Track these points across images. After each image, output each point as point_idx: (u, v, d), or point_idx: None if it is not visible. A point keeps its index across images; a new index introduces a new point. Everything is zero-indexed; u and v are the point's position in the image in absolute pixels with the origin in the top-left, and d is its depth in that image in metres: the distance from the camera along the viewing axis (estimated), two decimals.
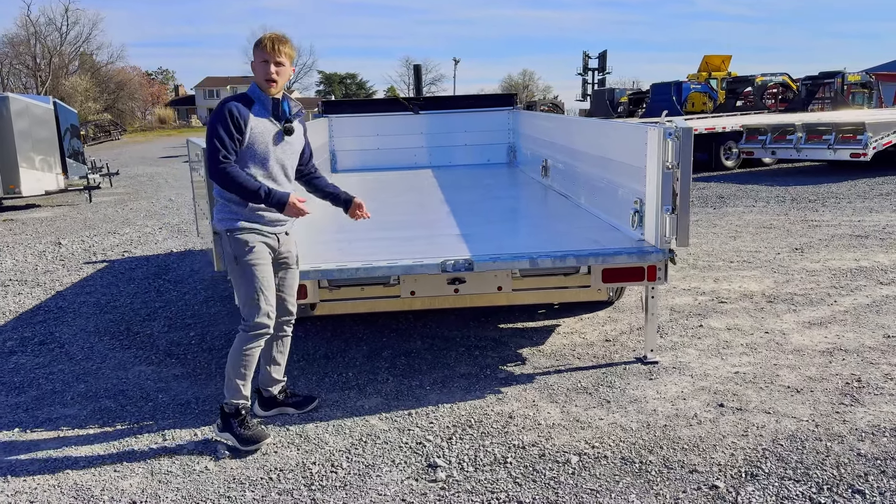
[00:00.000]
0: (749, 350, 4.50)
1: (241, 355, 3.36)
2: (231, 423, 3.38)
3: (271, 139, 3.33)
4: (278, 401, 3.78)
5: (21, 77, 67.37)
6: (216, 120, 3.24)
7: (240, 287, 3.37)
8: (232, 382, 3.39)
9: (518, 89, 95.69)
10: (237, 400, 3.39)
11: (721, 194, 11.70)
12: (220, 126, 3.22)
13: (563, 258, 3.97)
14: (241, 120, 3.22)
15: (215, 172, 3.23)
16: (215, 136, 3.21)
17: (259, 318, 3.34)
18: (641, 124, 4.24)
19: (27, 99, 16.18)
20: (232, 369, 3.39)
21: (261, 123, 3.30)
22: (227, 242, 3.34)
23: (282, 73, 3.30)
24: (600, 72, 58.78)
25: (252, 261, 3.33)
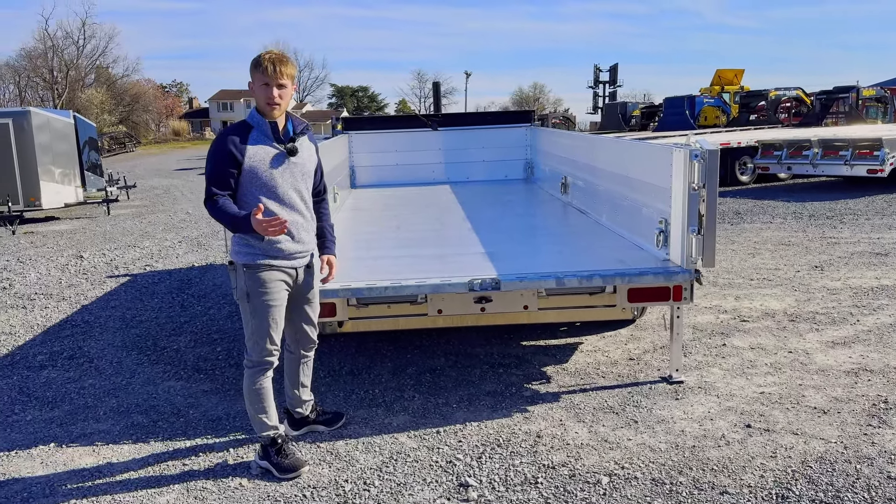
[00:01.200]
0: (774, 370, 4.52)
1: (252, 392, 3.36)
2: (269, 452, 3.40)
3: (274, 164, 3.21)
4: (309, 420, 3.82)
5: (38, 90, 68.26)
6: (210, 154, 3.20)
7: (248, 323, 3.31)
8: (255, 418, 3.40)
9: (529, 102, 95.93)
10: (267, 432, 3.41)
11: (738, 210, 11.70)
12: (213, 160, 3.18)
13: (590, 278, 4.01)
14: (235, 151, 3.14)
15: (207, 208, 3.18)
16: (207, 171, 3.18)
17: (263, 357, 3.33)
18: (667, 145, 4.28)
19: (48, 113, 16.39)
20: (251, 406, 3.39)
21: (261, 150, 3.19)
22: (241, 277, 3.25)
23: (284, 95, 3.20)
24: (611, 84, 58.88)
25: (266, 301, 3.26)
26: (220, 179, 3.16)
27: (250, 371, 3.35)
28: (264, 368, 3.36)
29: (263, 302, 3.26)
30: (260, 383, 3.36)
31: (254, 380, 3.35)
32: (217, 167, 3.16)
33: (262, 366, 3.35)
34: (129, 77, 73.58)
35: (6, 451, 3.77)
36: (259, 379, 3.35)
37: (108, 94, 65.66)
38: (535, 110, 9.32)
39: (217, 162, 3.16)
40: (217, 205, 3.14)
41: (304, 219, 3.35)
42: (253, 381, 3.35)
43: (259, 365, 3.34)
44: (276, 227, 3.03)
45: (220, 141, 3.18)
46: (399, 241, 5.34)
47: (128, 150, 51.10)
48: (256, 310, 3.26)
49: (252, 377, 3.35)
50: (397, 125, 9.16)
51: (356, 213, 6.86)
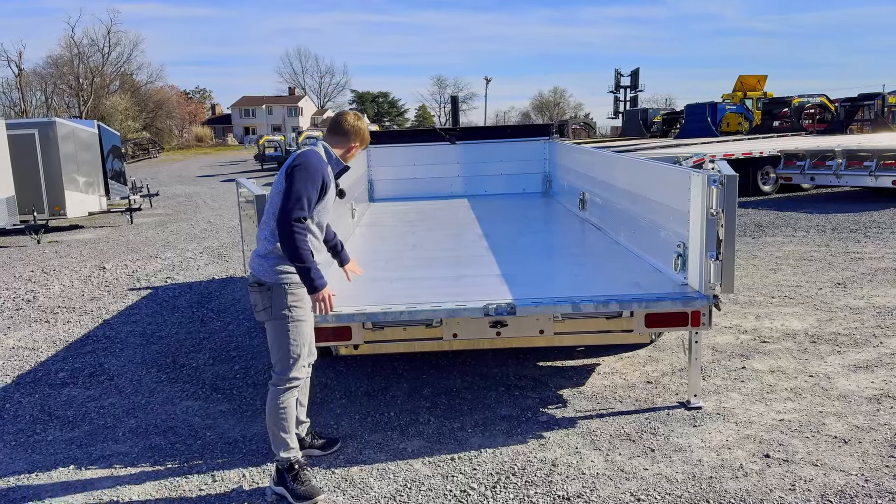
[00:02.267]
0: (794, 395, 4.45)
1: (278, 410, 3.41)
2: (285, 478, 3.41)
3: (332, 198, 3.54)
4: (305, 443, 3.82)
5: (64, 97, 69.43)
6: (309, 172, 3.32)
7: (283, 340, 3.38)
8: (277, 438, 3.43)
9: (549, 107, 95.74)
10: (287, 454, 3.43)
11: (759, 222, 11.57)
12: (311, 180, 3.31)
13: (606, 303, 3.99)
14: (327, 185, 3.43)
15: (287, 230, 3.23)
16: (305, 189, 3.28)
17: (294, 373, 3.42)
18: (685, 169, 4.25)
19: (73, 123, 16.65)
20: (274, 425, 3.43)
21: (331, 184, 3.50)
22: (282, 295, 3.34)
23: None
24: (633, 89, 58.68)
25: (303, 316, 3.41)
26: (311, 202, 3.32)
27: (279, 389, 3.42)
28: (294, 387, 3.45)
29: (300, 318, 3.40)
30: (287, 402, 3.43)
31: (282, 398, 3.41)
32: (313, 188, 3.31)
33: (293, 383, 3.43)
34: (153, 83, 74.67)
35: (27, 474, 3.82)
36: (287, 397, 3.42)
37: (133, 100, 66.60)
38: (553, 124, 9.34)
39: (314, 183, 3.32)
40: (300, 234, 3.24)
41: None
42: (281, 400, 3.41)
43: (289, 382, 3.42)
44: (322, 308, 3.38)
45: (319, 164, 3.38)
46: (415, 261, 5.34)
47: (151, 157, 51.75)
48: (295, 325, 3.38)
49: (279, 395, 3.41)
50: (416, 139, 9.19)
51: (373, 230, 6.88)
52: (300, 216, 3.25)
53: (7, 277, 9.99)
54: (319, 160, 3.41)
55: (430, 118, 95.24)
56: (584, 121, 59.33)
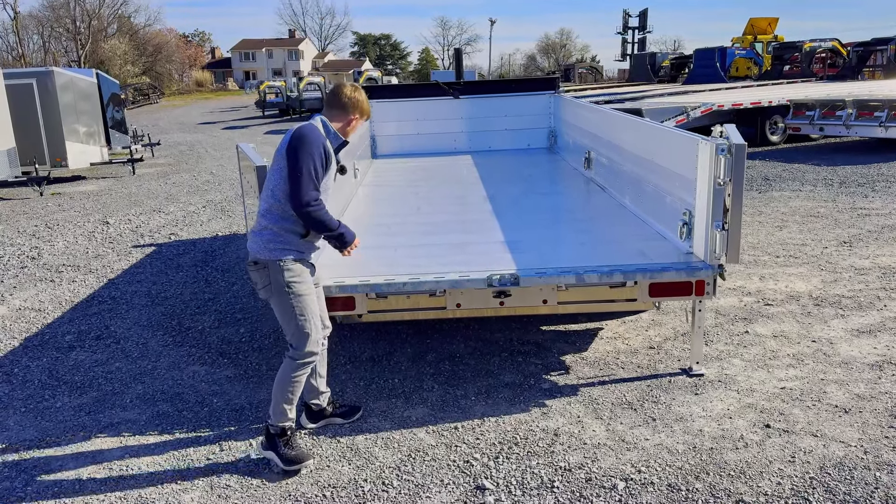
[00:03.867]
0: (796, 361, 4.47)
1: (289, 382, 3.45)
2: (276, 443, 3.46)
3: (331, 173, 3.47)
4: (327, 412, 3.89)
5: (62, 40, 68.28)
6: (310, 148, 3.26)
7: (290, 317, 3.40)
8: (279, 407, 3.46)
9: (555, 49, 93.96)
10: (283, 423, 3.47)
11: (766, 175, 11.46)
12: (313, 157, 3.26)
13: (610, 273, 3.97)
14: (330, 156, 3.38)
15: (306, 214, 3.27)
16: (310, 166, 3.24)
17: (310, 347, 3.44)
18: (693, 136, 4.17)
19: (71, 73, 16.41)
20: (280, 394, 3.46)
21: (332, 161, 3.45)
22: (277, 272, 3.35)
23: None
24: (641, 31, 57.49)
25: (304, 291, 3.40)
26: (319, 177, 3.29)
27: (293, 363, 3.44)
28: (309, 363, 3.47)
29: (302, 292, 3.38)
30: (300, 377, 3.47)
31: (296, 373, 3.44)
32: (317, 166, 3.26)
33: (308, 357, 3.45)
34: (152, 26, 73.41)
35: (38, 442, 3.89)
36: (301, 372, 3.46)
37: (131, 44, 65.53)
38: (558, 77, 9.13)
39: (317, 160, 3.27)
40: (323, 209, 3.32)
41: None
42: (295, 374, 3.44)
43: (305, 357, 3.44)
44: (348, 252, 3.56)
45: (318, 140, 3.30)
46: (419, 226, 5.31)
47: (152, 102, 51.18)
48: (298, 301, 3.37)
49: (294, 368, 3.44)
50: (419, 94, 9.04)
51: (376, 190, 6.83)
52: (312, 198, 3.25)
53: (11, 233, 10.00)
54: (316, 133, 3.34)
55: (433, 62, 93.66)
56: (590, 65, 58.31)
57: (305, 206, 3.24)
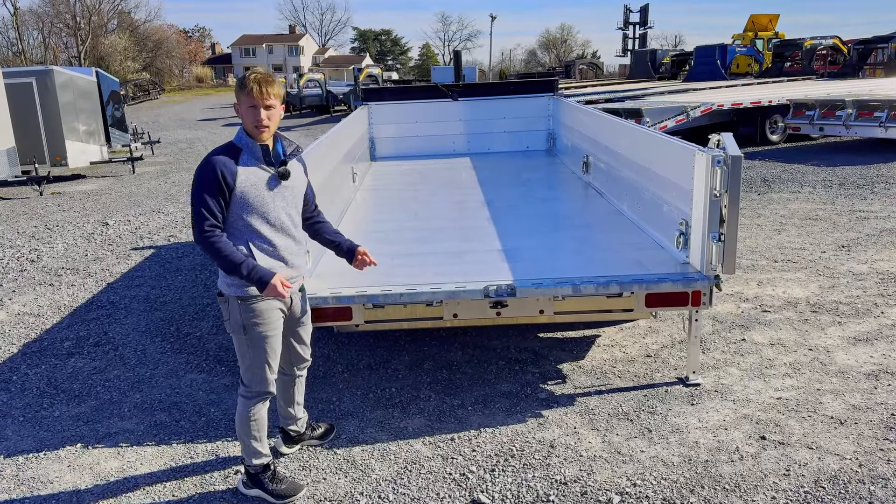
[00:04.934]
0: (792, 371, 4.48)
1: (248, 420, 3.28)
2: (261, 480, 3.35)
3: (266, 188, 3.09)
4: (305, 436, 3.79)
5: (62, 36, 68.19)
6: (199, 180, 2.99)
7: (245, 356, 3.23)
8: (249, 447, 3.33)
9: (556, 44, 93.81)
10: (260, 460, 3.35)
11: (766, 176, 11.45)
12: (204, 188, 2.97)
13: (607, 284, 3.98)
14: (227, 175, 2.98)
15: (199, 241, 3.00)
16: (199, 201, 2.97)
17: (262, 388, 3.27)
18: (689, 146, 4.16)
19: (70, 72, 16.39)
20: (245, 435, 3.31)
21: (251, 174, 3.05)
22: (236, 309, 3.13)
23: (273, 116, 3.06)
24: (642, 26, 57.37)
25: (264, 332, 3.18)
26: (212, 209, 2.98)
27: (248, 401, 3.27)
28: (264, 398, 3.31)
29: (261, 333, 3.17)
30: (258, 413, 3.30)
31: (252, 409, 3.27)
32: (209, 195, 2.97)
33: (261, 396, 3.29)
34: (152, 22, 73.27)
35: (35, 452, 3.90)
36: (258, 408, 3.29)
37: (132, 39, 65.51)
38: (556, 79, 9.11)
39: (207, 188, 2.96)
40: (215, 242, 2.98)
41: (295, 243, 3.25)
42: (250, 411, 3.27)
43: (257, 395, 3.27)
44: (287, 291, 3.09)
45: (209, 165, 2.99)
46: (416, 233, 5.31)
47: (152, 98, 51.15)
48: (254, 342, 3.17)
49: (249, 406, 3.27)
50: (417, 96, 9.04)
51: (375, 195, 6.83)
52: (203, 227, 2.96)
53: (11, 234, 10.01)
54: (211, 156, 3.01)
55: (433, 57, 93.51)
56: (591, 61, 58.20)
57: (197, 241, 3.01)
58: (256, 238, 3.09)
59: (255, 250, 3.09)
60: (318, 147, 5.32)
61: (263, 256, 3.11)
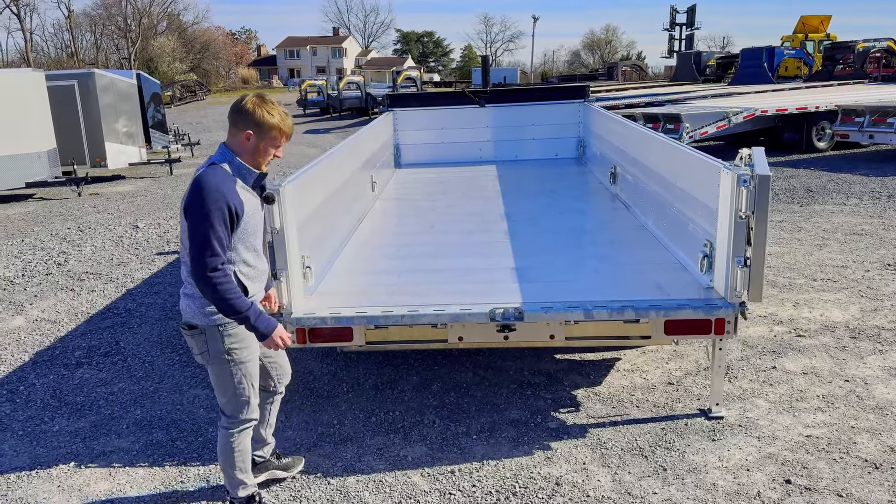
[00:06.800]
0: (826, 405, 4.16)
1: (233, 452, 3.13)
2: None
3: (258, 214, 3.01)
4: (270, 465, 3.57)
5: (113, 38, 69.99)
6: (209, 209, 2.73)
7: (226, 385, 3.05)
8: (234, 479, 3.18)
9: (600, 45, 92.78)
10: (246, 491, 3.22)
11: (810, 186, 10.95)
12: (215, 219, 2.74)
13: (622, 310, 3.72)
14: (237, 205, 2.83)
15: (206, 278, 2.75)
16: (209, 233, 2.73)
17: (247, 415, 3.12)
18: (715, 163, 3.88)
19: (111, 74, 16.68)
20: (229, 467, 3.16)
21: (251, 202, 2.93)
22: (216, 338, 2.96)
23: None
24: (688, 27, 56.31)
25: (246, 357, 3.04)
26: (224, 242, 2.79)
27: (232, 431, 3.11)
28: (249, 427, 3.17)
29: (245, 358, 3.04)
30: (243, 443, 3.15)
31: (235, 440, 3.12)
32: (220, 227, 2.76)
33: (245, 425, 3.15)
34: (200, 24, 74.76)
35: (28, 471, 3.82)
36: (242, 438, 3.14)
37: (179, 41, 66.85)
38: (587, 86, 8.81)
39: (219, 220, 2.75)
40: (225, 283, 2.77)
41: (266, 265, 3.19)
42: (235, 443, 3.12)
43: (241, 424, 3.13)
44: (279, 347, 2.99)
45: (219, 195, 2.76)
46: (428, 247, 5.12)
47: (198, 99, 52.05)
48: (238, 369, 3.03)
49: (233, 436, 3.11)
50: (444, 102, 8.85)
51: (393, 205, 6.66)
52: (214, 265, 2.75)
53: (44, 235, 10.14)
54: (217, 183, 2.79)
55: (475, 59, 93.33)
56: (634, 63, 57.30)
57: (203, 275, 2.76)
58: (242, 265, 2.95)
59: (242, 278, 2.94)
60: (334, 155, 5.17)
61: (250, 282, 2.99)
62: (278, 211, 3.63)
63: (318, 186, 4.55)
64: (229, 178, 2.87)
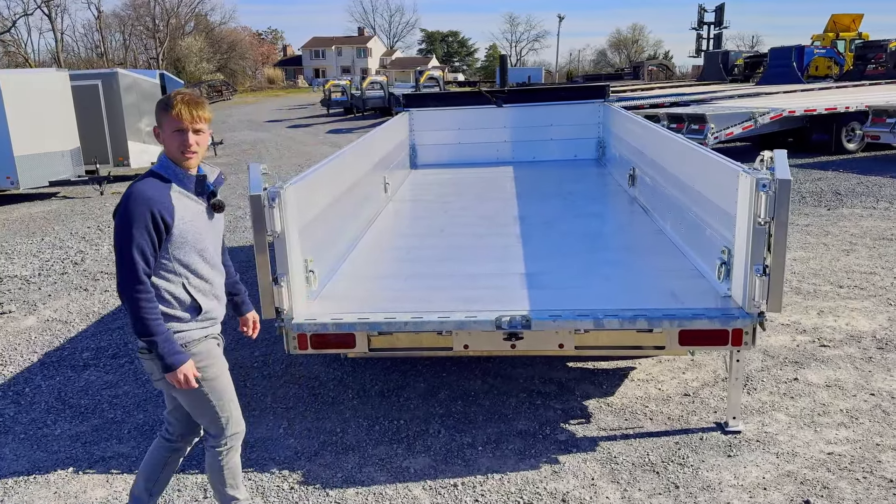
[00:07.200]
0: (849, 419, 3.97)
1: (222, 469, 2.96)
2: None
3: (202, 222, 2.76)
4: None
5: (142, 38, 70.88)
6: (129, 220, 2.55)
7: (203, 406, 2.84)
8: (225, 496, 3.01)
9: (627, 44, 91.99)
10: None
11: (838, 189, 10.64)
12: (136, 229, 2.54)
13: (633, 319, 3.57)
14: (164, 213, 2.59)
15: (126, 292, 2.57)
16: (131, 245, 2.54)
17: (233, 430, 2.94)
18: (733, 166, 3.71)
19: (135, 74, 16.79)
20: (220, 485, 2.99)
21: (188, 208, 2.70)
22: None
23: (202, 142, 2.70)
24: (717, 26, 55.66)
25: (216, 373, 2.83)
26: (147, 255, 2.57)
27: (220, 449, 2.94)
28: (237, 441, 2.99)
29: (217, 373, 2.84)
30: (232, 460, 2.99)
31: (225, 458, 2.96)
32: (142, 238, 2.55)
33: (234, 441, 2.97)
34: (226, 24, 75.39)
35: (26, 475, 3.77)
36: (230, 456, 2.98)
37: (206, 41, 67.47)
38: (608, 85, 8.62)
39: (141, 230, 2.55)
40: (145, 302, 2.57)
41: (223, 277, 2.95)
42: (224, 459, 2.96)
43: (229, 441, 2.95)
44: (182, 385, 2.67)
45: (141, 202, 2.57)
46: (437, 251, 5.00)
47: (225, 99, 52.46)
48: (213, 384, 2.82)
49: (221, 455, 2.95)
50: (461, 102, 8.72)
51: (405, 206, 6.56)
52: (130, 278, 2.56)
53: (64, 234, 10.20)
54: (143, 190, 2.60)
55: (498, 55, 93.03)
56: (661, 62, 56.67)
57: (121, 292, 2.59)
58: (192, 277, 2.74)
59: (192, 291, 2.73)
60: (343, 155, 5.08)
61: (202, 296, 2.77)
62: (279, 214, 3.56)
63: (323, 188, 4.47)
64: (162, 185, 2.67)
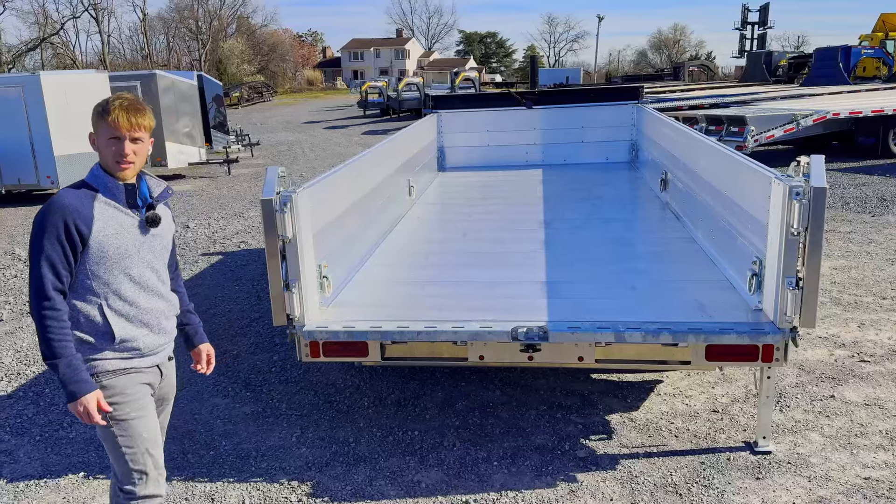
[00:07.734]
0: (888, 442, 3.73)
1: None
2: None
3: (130, 237, 2.48)
4: None
5: (185, 40, 72.25)
6: (41, 230, 2.36)
7: (114, 450, 2.50)
8: None
9: (668, 45, 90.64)
10: None
11: (884, 195, 10.22)
12: (47, 240, 2.34)
13: (657, 333, 3.40)
14: (79, 223, 2.37)
15: (36, 310, 2.35)
16: (41, 257, 2.34)
17: (149, 490, 2.53)
18: (766, 172, 3.51)
19: (173, 76, 17.02)
20: None
21: (111, 219, 2.44)
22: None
23: (140, 151, 2.45)
24: (761, 26, 54.49)
25: (131, 413, 2.48)
26: (58, 268, 2.36)
27: None
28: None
29: (127, 415, 2.48)
30: None
31: None
32: (53, 250, 2.35)
33: (152, 500, 2.56)
34: (268, 27, 76.40)
35: (37, 479, 3.76)
36: None
37: (248, 43, 68.47)
38: (641, 86, 8.40)
39: (52, 241, 2.35)
40: (53, 322, 2.34)
41: (165, 303, 2.61)
42: None
43: (141, 500, 2.53)
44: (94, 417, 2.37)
45: (55, 211, 2.36)
46: (457, 256, 4.88)
47: (265, 100, 53.09)
48: (123, 428, 2.47)
49: None
50: (490, 104, 8.59)
51: (429, 209, 6.45)
52: (44, 288, 2.34)
53: None
54: (62, 199, 2.39)
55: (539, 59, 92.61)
56: (702, 63, 55.65)
57: (33, 308, 2.37)
58: (114, 299, 2.45)
59: (110, 315, 2.44)
60: (363, 158, 4.99)
61: (122, 322, 2.46)
62: (290, 219, 3.48)
63: (341, 192, 4.38)
64: (86, 194, 2.44)
